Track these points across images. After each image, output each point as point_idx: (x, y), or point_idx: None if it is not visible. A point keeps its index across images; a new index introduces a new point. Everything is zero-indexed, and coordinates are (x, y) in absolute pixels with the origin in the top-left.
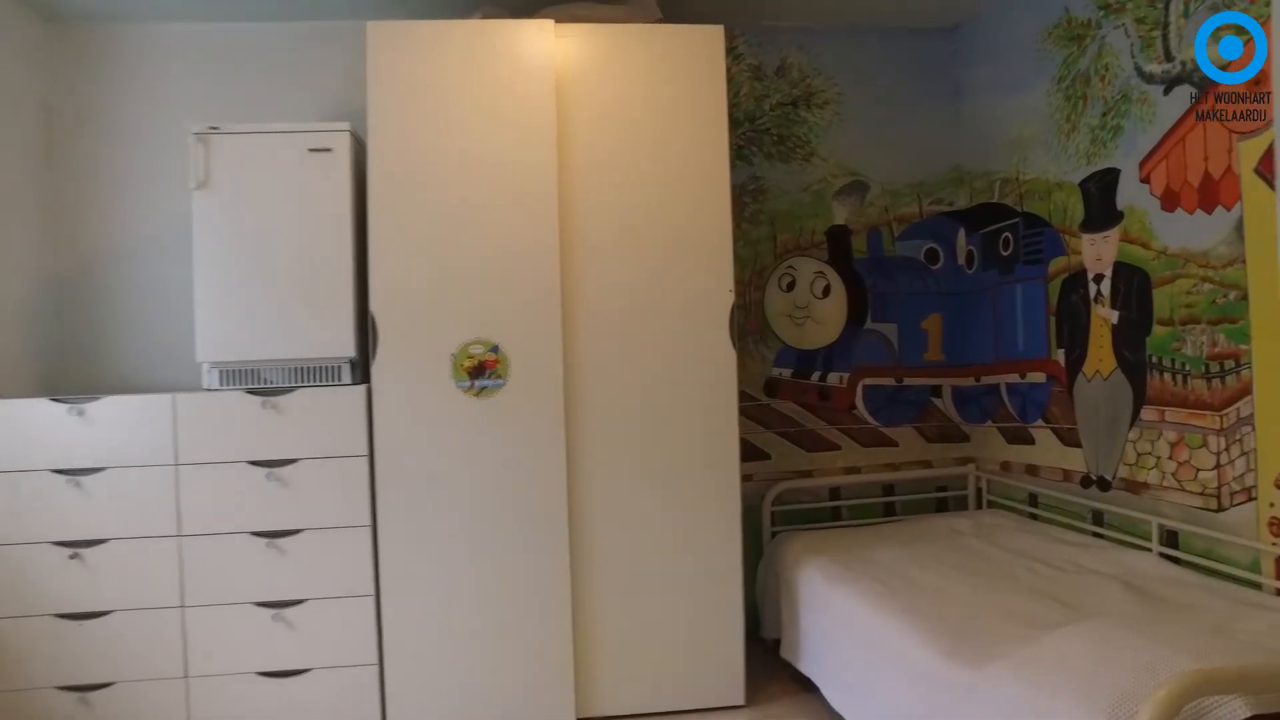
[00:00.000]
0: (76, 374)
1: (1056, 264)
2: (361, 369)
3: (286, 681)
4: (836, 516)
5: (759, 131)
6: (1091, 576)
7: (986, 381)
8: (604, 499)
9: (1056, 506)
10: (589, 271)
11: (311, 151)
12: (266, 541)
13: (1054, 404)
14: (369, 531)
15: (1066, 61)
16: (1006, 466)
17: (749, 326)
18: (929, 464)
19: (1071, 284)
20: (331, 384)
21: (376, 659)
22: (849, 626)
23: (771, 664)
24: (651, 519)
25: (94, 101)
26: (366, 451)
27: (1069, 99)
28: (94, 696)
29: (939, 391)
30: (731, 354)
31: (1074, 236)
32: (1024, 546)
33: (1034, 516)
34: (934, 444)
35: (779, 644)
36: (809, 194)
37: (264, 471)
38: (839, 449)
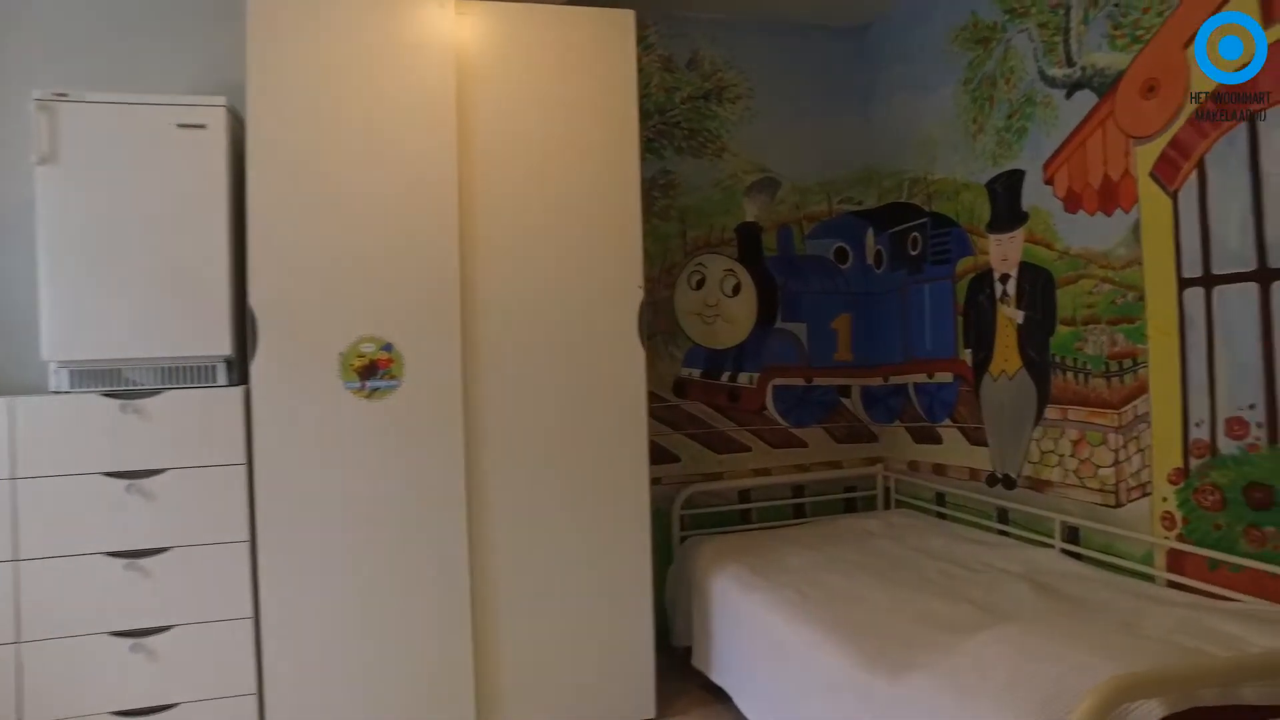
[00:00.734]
0: None
1: (964, 264)
2: (239, 369)
3: None
4: (747, 519)
5: (670, 124)
6: (1000, 575)
7: (895, 382)
8: (506, 506)
9: (963, 505)
10: (491, 265)
11: (182, 127)
12: (125, 563)
13: (961, 403)
14: (247, 547)
15: (973, 64)
16: (914, 466)
17: (658, 325)
18: (838, 464)
19: (978, 284)
20: (204, 385)
21: (255, 688)
22: (763, 635)
23: (683, 673)
24: (557, 526)
25: None
26: (244, 459)
27: (976, 101)
28: None
29: (848, 392)
30: (640, 353)
31: (981, 237)
32: (934, 547)
33: (941, 515)
34: (843, 444)
35: (690, 653)
36: (720, 190)
37: (123, 484)
38: (749, 450)
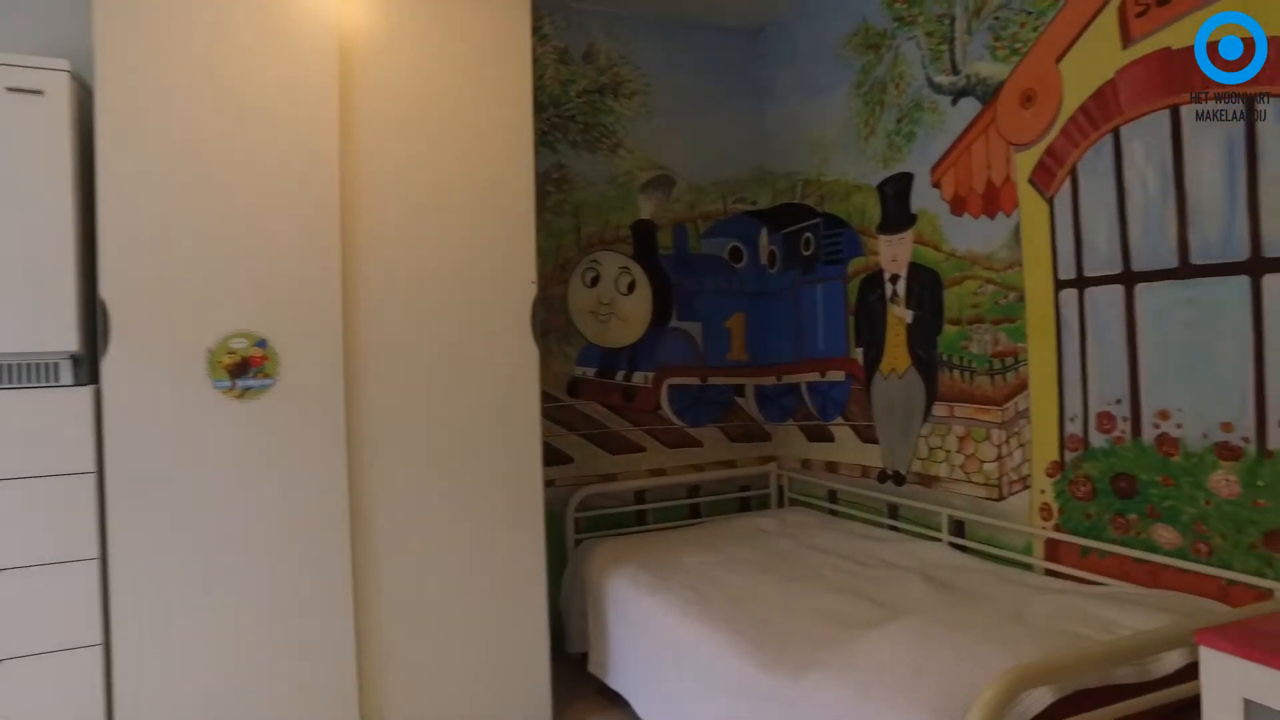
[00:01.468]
0: None
1: (855, 264)
2: (88, 367)
3: None
4: (642, 520)
5: (564, 118)
6: (893, 570)
7: (788, 381)
8: (393, 511)
9: (855, 502)
10: (376, 258)
11: (12, 92)
12: None
13: (853, 402)
14: (96, 566)
15: (864, 68)
16: (807, 464)
17: (551, 323)
18: (732, 464)
19: (869, 284)
20: (45, 384)
21: None
22: (661, 637)
23: (579, 679)
24: (447, 531)
25: None
26: (94, 467)
27: (867, 104)
28: None
29: (742, 391)
30: (534, 351)
31: (872, 238)
32: (828, 543)
33: (834, 513)
34: (737, 443)
35: (586, 658)
36: (615, 186)
37: None
38: (644, 450)
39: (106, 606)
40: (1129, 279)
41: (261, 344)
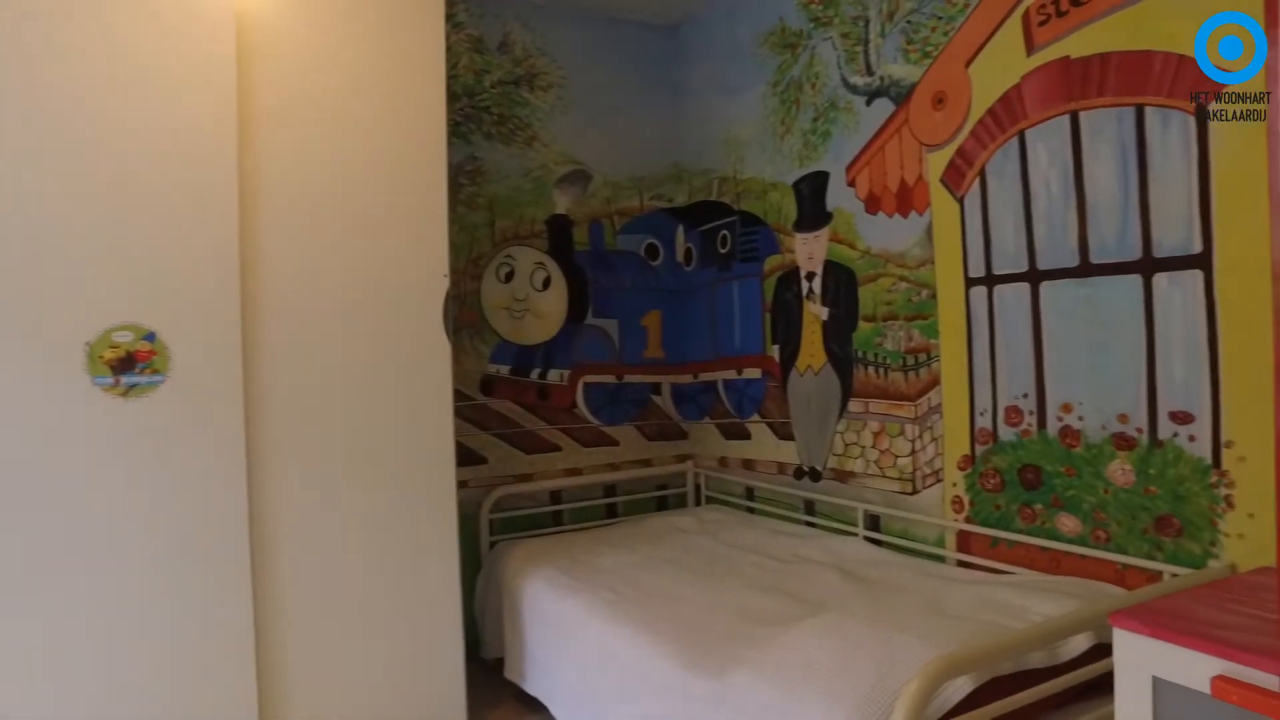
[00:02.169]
0: None
1: (772, 262)
2: None
3: None
4: (558, 521)
5: (478, 109)
6: (811, 566)
7: (704, 378)
8: (296, 516)
9: (771, 499)
10: (278, 248)
11: None
12: None
13: (769, 399)
14: None
15: (781, 67)
16: (724, 462)
17: (464, 319)
18: (649, 463)
19: (785, 281)
20: None
21: None
22: (580, 640)
23: (495, 686)
24: (355, 534)
25: None
26: None
27: (783, 103)
28: None
29: (659, 389)
30: (446, 346)
31: (788, 235)
32: (746, 541)
33: (751, 510)
34: (654, 442)
35: (502, 664)
36: (530, 180)
37: None
38: (560, 450)
39: None
40: (1034, 277)
41: (150, 337)
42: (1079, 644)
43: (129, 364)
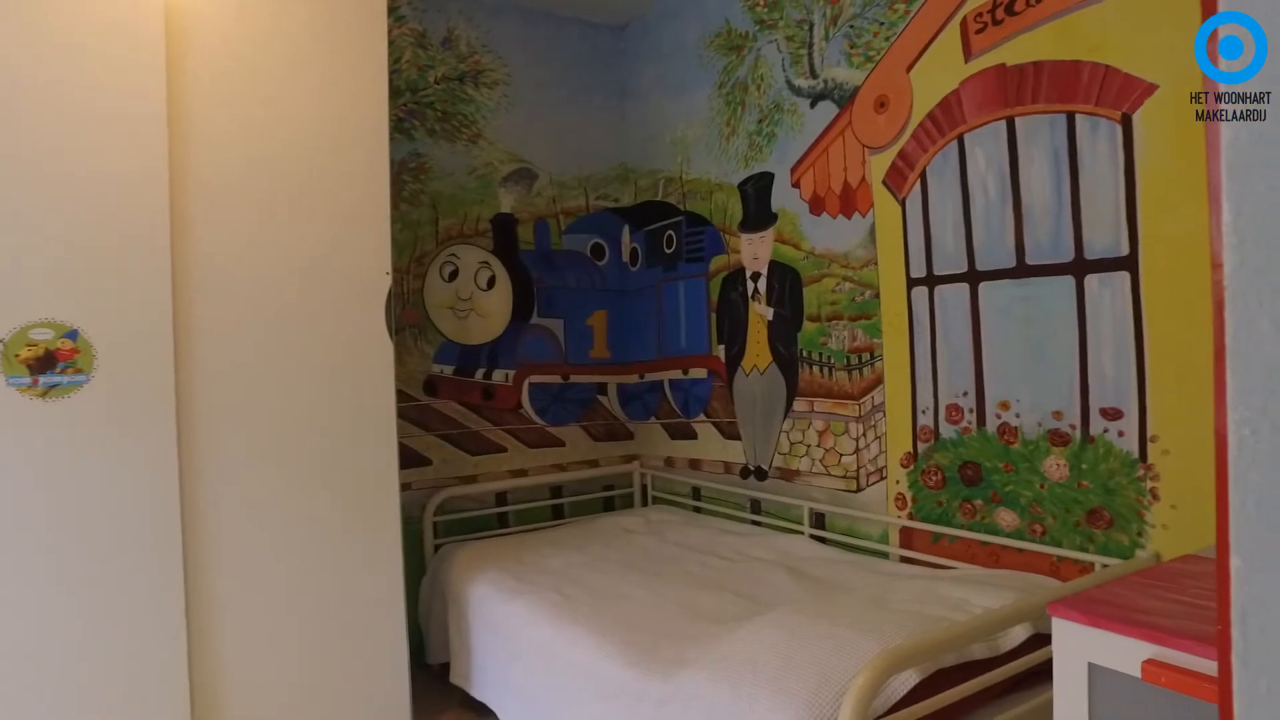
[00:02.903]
0: None
1: (717, 262)
2: None
3: None
4: (504, 523)
5: (422, 105)
6: (757, 564)
7: (650, 378)
8: (233, 520)
9: (718, 498)
10: (212, 241)
11: None
12: None
13: (715, 399)
14: None
15: (727, 69)
16: (670, 462)
17: (407, 318)
18: (596, 463)
19: (731, 281)
20: None
21: None
22: (526, 643)
23: (442, 692)
24: (295, 539)
25: None
26: None
27: (729, 104)
28: None
29: (604, 389)
30: (388, 345)
31: (733, 236)
32: (693, 540)
33: (697, 509)
34: (600, 443)
35: (448, 669)
36: (474, 178)
37: None
38: (505, 451)
39: None
40: (974, 278)
41: (71, 335)
42: (1018, 634)
43: (49, 363)
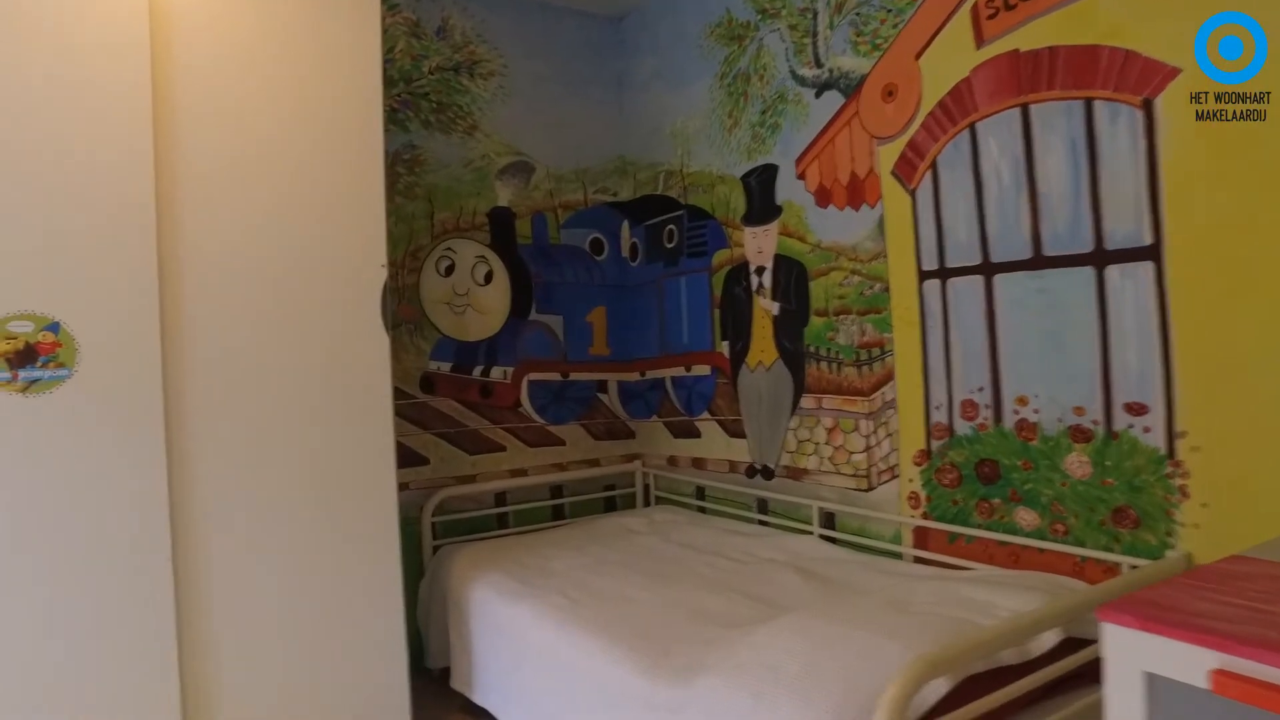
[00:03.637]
0: None
1: (720, 256)
2: None
3: None
4: (504, 523)
5: (416, 95)
6: (766, 565)
7: (652, 376)
8: (224, 521)
9: (723, 498)
10: (200, 231)
11: None
12: None
13: (719, 396)
14: None
15: (728, 59)
16: (673, 461)
17: (403, 314)
18: (597, 462)
19: (735, 276)
20: None
21: None
22: (530, 648)
23: (442, 697)
24: (289, 541)
25: None
26: None
27: (731, 95)
28: None
29: (605, 387)
30: (385, 341)
31: (736, 229)
32: (698, 541)
33: (702, 509)
34: (601, 441)
35: (449, 674)
36: (471, 170)
37: None
38: (504, 450)
39: None
40: (988, 270)
41: (53, 328)
42: (1048, 639)
43: (29, 357)
